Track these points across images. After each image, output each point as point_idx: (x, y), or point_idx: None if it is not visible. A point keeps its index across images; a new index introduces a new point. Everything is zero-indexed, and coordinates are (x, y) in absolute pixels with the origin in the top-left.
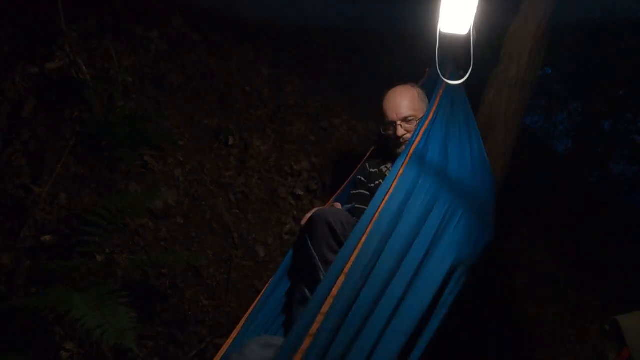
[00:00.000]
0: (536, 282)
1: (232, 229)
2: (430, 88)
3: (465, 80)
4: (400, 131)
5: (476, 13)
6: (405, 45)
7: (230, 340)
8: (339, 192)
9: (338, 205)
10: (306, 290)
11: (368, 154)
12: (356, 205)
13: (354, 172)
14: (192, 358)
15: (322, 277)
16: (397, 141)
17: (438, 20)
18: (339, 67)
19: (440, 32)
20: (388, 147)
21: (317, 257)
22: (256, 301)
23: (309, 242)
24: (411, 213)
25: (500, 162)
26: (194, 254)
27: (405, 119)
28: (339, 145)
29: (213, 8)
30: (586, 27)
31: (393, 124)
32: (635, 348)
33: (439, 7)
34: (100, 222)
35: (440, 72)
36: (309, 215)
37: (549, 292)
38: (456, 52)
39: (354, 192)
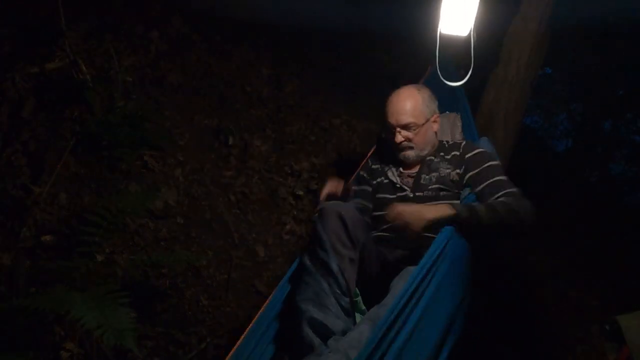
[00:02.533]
0: (536, 282)
1: (232, 229)
2: (432, 86)
3: (466, 82)
4: (399, 138)
5: (476, 14)
6: (406, 46)
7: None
8: (352, 178)
9: (353, 188)
10: (324, 284)
11: (371, 150)
12: (360, 201)
13: (359, 168)
14: (192, 358)
15: (331, 263)
16: (395, 147)
17: (438, 21)
18: (339, 67)
19: (440, 34)
20: (389, 147)
21: (329, 242)
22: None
23: (322, 231)
24: None
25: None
26: (194, 254)
27: (405, 126)
28: (339, 145)
29: (213, 8)
30: (586, 27)
31: (392, 129)
32: (635, 348)
33: (440, 9)
34: (100, 222)
35: (441, 74)
36: (322, 204)
37: (549, 292)
38: (457, 53)
39: (357, 188)
